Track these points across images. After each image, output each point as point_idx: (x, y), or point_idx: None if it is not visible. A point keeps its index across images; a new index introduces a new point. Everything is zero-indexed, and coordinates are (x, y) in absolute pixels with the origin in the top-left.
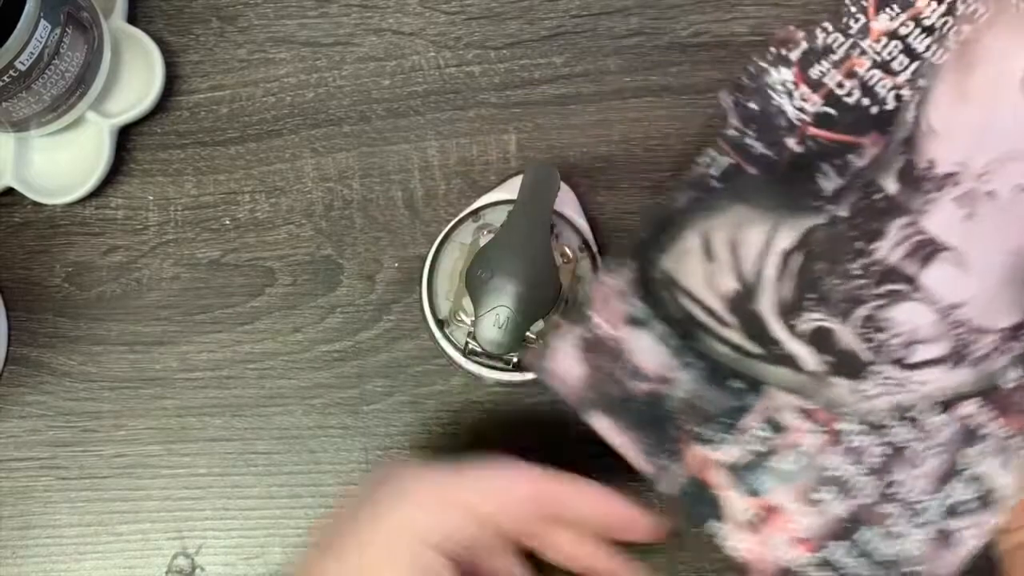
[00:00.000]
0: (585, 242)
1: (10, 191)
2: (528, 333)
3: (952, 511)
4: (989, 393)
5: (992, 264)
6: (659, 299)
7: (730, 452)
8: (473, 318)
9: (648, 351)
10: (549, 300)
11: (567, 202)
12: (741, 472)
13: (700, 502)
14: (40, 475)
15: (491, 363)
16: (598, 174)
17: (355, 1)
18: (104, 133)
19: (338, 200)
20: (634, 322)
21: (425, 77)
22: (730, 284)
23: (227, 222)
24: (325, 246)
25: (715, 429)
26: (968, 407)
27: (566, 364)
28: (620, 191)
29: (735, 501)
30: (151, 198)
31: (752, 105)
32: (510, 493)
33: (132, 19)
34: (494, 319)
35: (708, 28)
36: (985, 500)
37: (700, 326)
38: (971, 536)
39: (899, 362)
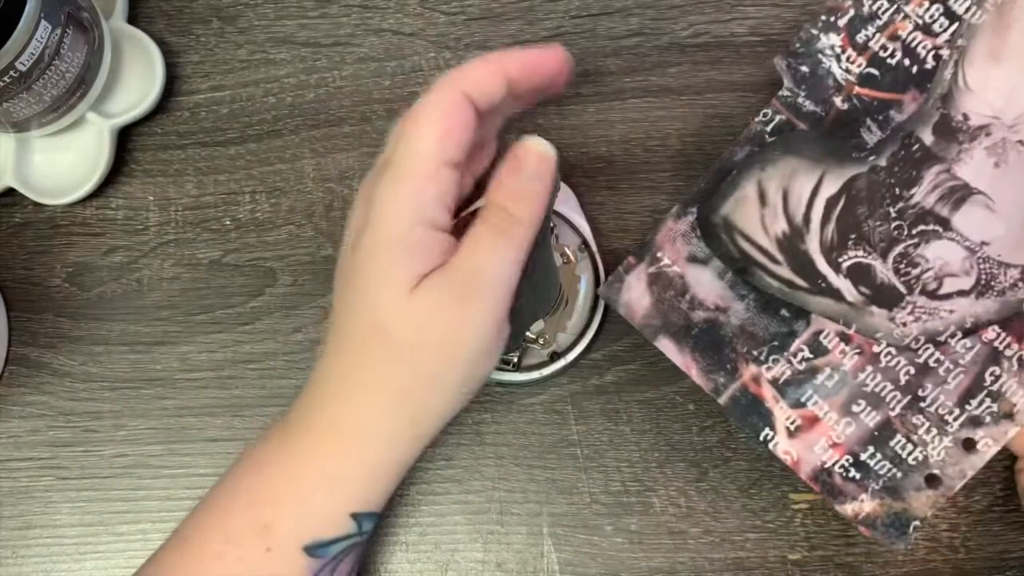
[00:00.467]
0: (585, 242)
1: (10, 191)
2: (528, 333)
3: (974, 422)
4: (1011, 320)
5: (1018, 206)
6: (719, 240)
7: (779, 370)
8: None
9: (707, 285)
10: (549, 300)
11: (567, 202)
12: (788, 387)
13: (752, 412)
14: (41, 475)
15: None
16: (598, 174)
17: (355, 1)
18: (104, 133)
19: (338, 200)
20: (695, 260)
21: (426, 78)
22: (781, 227)
23: (227, 222)
24: (326, 246)
25: (766, 351)
26: (991, 332)
27: (636, 296)
28: (620, 191)
29: (782, 411)
30: (151, 198)
31: (803, 68)
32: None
33: (132, 19)
34: None
35: (708, 28)
36: (1004, 414)
37: (755, 263)
38: (989, 444)
39: (930, 293)
